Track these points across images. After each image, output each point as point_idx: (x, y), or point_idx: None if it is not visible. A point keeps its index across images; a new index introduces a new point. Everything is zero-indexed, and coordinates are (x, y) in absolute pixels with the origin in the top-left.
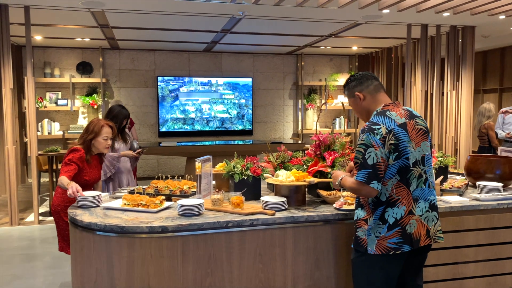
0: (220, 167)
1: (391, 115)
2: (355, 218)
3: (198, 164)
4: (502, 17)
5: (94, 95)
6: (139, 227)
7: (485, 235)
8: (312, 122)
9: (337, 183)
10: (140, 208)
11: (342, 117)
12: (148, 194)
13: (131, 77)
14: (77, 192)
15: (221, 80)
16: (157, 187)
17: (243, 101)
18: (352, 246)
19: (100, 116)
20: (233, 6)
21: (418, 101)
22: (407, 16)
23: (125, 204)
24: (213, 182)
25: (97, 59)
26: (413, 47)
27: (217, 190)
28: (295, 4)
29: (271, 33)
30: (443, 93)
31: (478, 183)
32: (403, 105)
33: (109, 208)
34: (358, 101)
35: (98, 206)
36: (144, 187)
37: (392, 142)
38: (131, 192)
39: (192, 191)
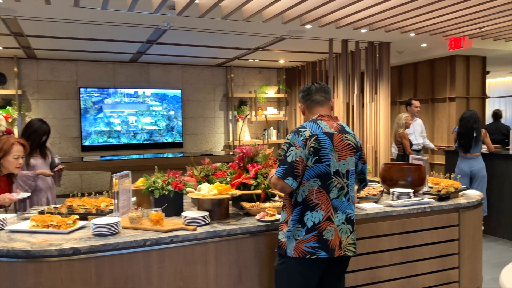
0: (141, 182)
1: (321, 124)
2: (280, 221)
3: (115, 180)
4: (412, 34)
5: (8, 107)
6: (48, 250)
7: (398, 240)
8: (243, 133)
9: (268, 180)
10: (50, 229)
11: (271, 128)
12: (60, 213)
13: (51, 89)
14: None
15: (148, 91)
16: (71, 205)
17: (172, 112)
18: (276, 250)
19: (16, 131)
20: (157, 17)
21: (341, 112)
22: (328, 32)
23: (33, 225)
24: (134, 199)
25: (12, 69)
26: (335, 62)
27: (136, 207)
28: (220, 17)
29: (199, 45)
30: (363, 105)
31: (392, 190)
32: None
33: (15, 230)
34: (301, 110)
35: (3, 229)
36: (56, 206)
37: (313, 145)
38: (41, 212)
39: (110, 209)
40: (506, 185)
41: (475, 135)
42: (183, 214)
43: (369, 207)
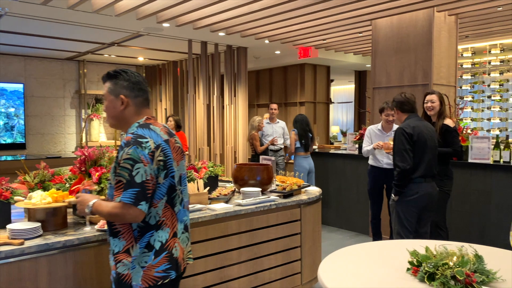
0: None
1: (156, 130)
2: (112, 251)
3: None
4: (267, 41)
5: None
6: None
7: (246, 237)
8: (99, 133)
9: (87, 210)
10: None
11: None
12: None
13: None
14: None
15: None
16: None
17: (12, 109)
18: (112, 286)
19: None
20: None
21: (202, 114)
22: (187, 32)
23: None
24: None
25: None
26: (196, 62)
27: None
28: (66, 7)
29: (44, 35)
30: (223, 106)
31: (242, 189)
32: (188, 117)
33: None
34: (119, 104)
35: None
36: None
37: (161, 158)
38: None
39: None
40: (343, 181)
41: (310, 136)
42: (8, 226)
43: (219, 207)
